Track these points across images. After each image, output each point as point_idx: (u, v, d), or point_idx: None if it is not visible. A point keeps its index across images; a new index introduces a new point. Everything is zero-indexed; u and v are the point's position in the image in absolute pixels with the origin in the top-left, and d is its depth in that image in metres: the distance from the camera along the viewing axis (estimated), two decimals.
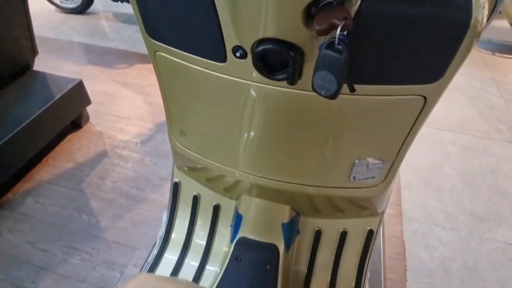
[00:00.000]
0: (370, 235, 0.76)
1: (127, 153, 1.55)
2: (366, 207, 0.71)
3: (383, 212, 0.76)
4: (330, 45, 0.34)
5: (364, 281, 0.75)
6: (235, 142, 0.58)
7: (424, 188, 1.44)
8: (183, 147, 0.67)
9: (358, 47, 0.38)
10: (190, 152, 0.66)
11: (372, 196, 0.62)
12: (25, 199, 1.35)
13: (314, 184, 0.60)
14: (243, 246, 0.73)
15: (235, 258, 0.72)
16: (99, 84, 1.96)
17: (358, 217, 0.76)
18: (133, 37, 2.48)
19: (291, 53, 0.39)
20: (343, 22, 0.32)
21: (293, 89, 0.45)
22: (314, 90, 0.37)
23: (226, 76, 0.47)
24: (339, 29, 0.32)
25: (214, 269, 0.77)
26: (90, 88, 1.65)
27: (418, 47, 0.38)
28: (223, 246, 0.78)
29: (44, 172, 1.46)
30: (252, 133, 0.54)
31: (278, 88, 0.46)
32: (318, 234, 0.79)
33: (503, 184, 1.46)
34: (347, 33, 0.34)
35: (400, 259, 1.20)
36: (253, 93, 0.48)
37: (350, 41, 0.34)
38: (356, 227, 0.77)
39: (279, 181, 0.61)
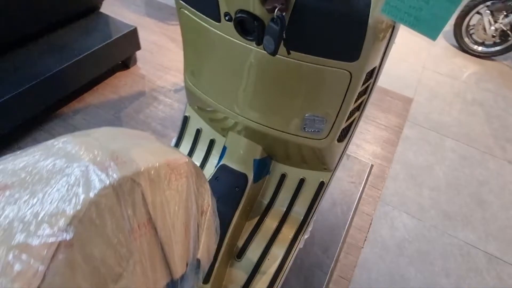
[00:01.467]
0: (321, 186, 0.96)
1: (161, 97, 1.83)
2: (320, 160, 0.90)
3: (334, 170, 0.95)
4: (272, 20, 0.54)
5: (309, 220, 0.96)
6: (225, 84, 0.80)
7: (409, 181, 1.58)
8: (191, 85, 0.90)
9: (296, 24, 0.57)
10: (196, 89, 0.89)
11: (319, 148, 0.81)
12: (75, 115, 1.68)
13: (277, 128, 0.81)
14: (222, 171, 0.96)
15: (215, 178, 0.96)
16: (151, 34, 2.24)
17: (315, 170, 0.96)
18: None
19: (255, 22, 0.59)
20: (280, 6, 0.52)
21: (260, 49, 0.65)
22: (263, 48, 0.58)
23: (221, 33, 0.69)
24: (276, 10, 0.52)
25: None
26: (143, 36, 1.93)
27: (334, 33, 0.57)
28: (210, 170, 1.02)
29: (93, 98, 1.78)
30: (236, 78, 0.76)
31: (251, 47, 0.67)
32: (283, 177, 1.00)
33: (485, 196, 1.56)
34: (285, 14, 0.53)
35: (364, 230, 1.38)
36: (236, 48, 0.69)
37: (291, 18, 0.54)
38: (312, 177, 0.97)
39: (254, 121, 0.83)
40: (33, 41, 1.62)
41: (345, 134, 0.84)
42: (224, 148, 0.97)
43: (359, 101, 0.76)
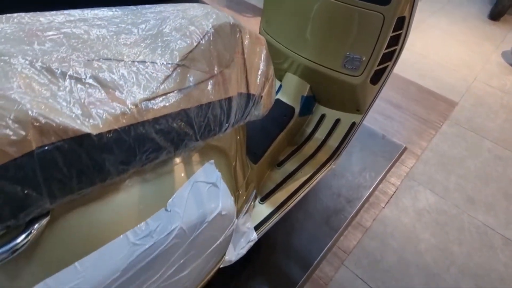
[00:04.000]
0: (353, 125, 1.18)
1: None
2: (354, 101, 1.13)
3: (365, 113, 1.17)
4: None
5: (340, 152, 1.19)
6: (293, 28, 1.08)
7: (438, 167, 1.71)
8: (265, 32, 1.19)
9: None
10: (269, 35, 1.18)
11: (354, 84, 1.05)
12: None
13: (324, 64, 1.06)
14: (276, 103, 1.23)
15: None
16: None
17: (349, 112, 1.20)
18: None
19: None
20: None
21: None
22: None
23: None
24: None
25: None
26: None
27: None
28: None
29: None
30: (303, 22, 1.03)
31: None
32: (322, 117, 1.25)
33: None
34: None
35: (387, 195, 1.55)
36: None
37: None
38: (346, 118, 1.20)
39: (309, 59, 1.09)
40: None
41: (377, 79, 1.07)
42: (280, 86, 1.25)
43: (390, 49, 0.99)
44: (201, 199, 0.55)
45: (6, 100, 0.35)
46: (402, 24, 0.94)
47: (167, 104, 0.48)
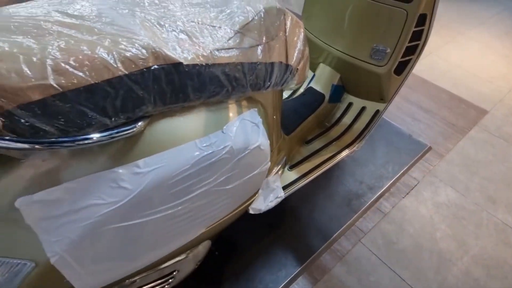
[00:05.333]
0: (377, 113, 1.32)
1: None
2: (379, 90, 1.27)
3: (388, 103, 1.30)
4: None
5: (363, 136, 1.33)
6: (331, 23, 1.25)
7: (462, 168, 1.78)
8: (305, 29, 1.38)
9: None
10: (308, 31, 1.36)
11: (380, 73, 1.19)
12: None
13: (354, 55, 1.22)
14: (308, 90, 1.40)
15: (303, 94, 1.41)
16: None
17: (374, 101, 1.34)
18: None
19: None
20: None
21: None
22: None
23: None
24: None
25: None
26: None
27: None
28: (301, 90, 1.46)
29: None
30: (339, 18, 1.20)
31: None
32: (350, 104, 1.40)
33: None
34: None
35: (408, 188, 1.64)
36: None
37: None
38: (371, 106, 1.34)
39: (342, 51, 1.25)
40: None
41: (401, 70, 1.20)
42: (313, 76, 1.42)
43: (413, 43, 1.13)
44: (246, 132, 0.74)
45: (136, 35, 0.56)
46: (424, 21, 1.08)
47: (229, 55, 0.67)
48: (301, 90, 1.42)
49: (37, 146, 0.48)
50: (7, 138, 0.45)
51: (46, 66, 0.46)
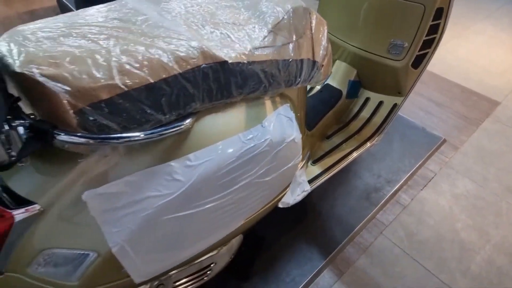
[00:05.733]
0: (395, 106, 1.35)
1: None
2: (396, 84, 1.30)
3: (405, 96, 1.33)
4: None
5: (382, 130, 1.35)
6: (347, 21, 1.28)
7: (477, 159, 1.80)
8: None
9: None
10: None
11: (397, 67, 1.22)
12: None
13: (372, 51, 1.25)
14: (325, 87, 1.44)
15: (320, 91, 1.44)
16: None
17: (391, 95, 1.36)
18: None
19: None
20: None
21: None
22: None
23: None
24: None
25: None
26: None
27: None
28: (318, 87, 1.49)
29: None
30: (355, 15, 1.23)
31: None
32: (367, 99, 1.43)
33: None
34: None
35: (426, 180, 1.67)
36: None
37: None
38: (388, 100, 1.37)
39: (358, 47, 1.29)
40: None
41: (418, 64, 1.23)
42: (330, 73, 1.45)
43: (430, 37, 1.16)
44: (282, 126, 0.77)
45: (184, 36, 0.60)
46: (440, 15, 1.11)
47: (266, 53, 0.70)
48: (318, 87, 1.45)
49: (102, 142, 0.52)
50: (78, 134, 0.49)
51: (112, 67, 0.50)
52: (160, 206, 0.60)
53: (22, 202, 0.56)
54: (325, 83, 1.44)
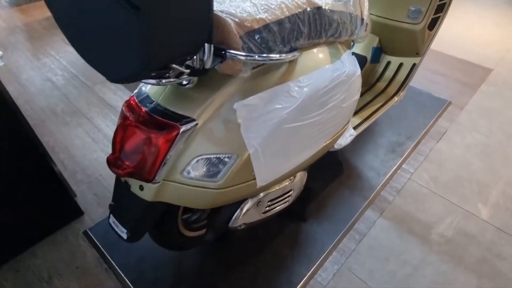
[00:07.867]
0: (414, 66, 1.57)
1: None
2: (415, 46, 1.52)
3: (422, 56, 1.55)
4: None
5: (405, 86, 1.57)
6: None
7: (481, 115, 2.04)
8: None
9: None
10: None
11: (416, 30, 1.44)
12: None
13: (392, 18, 1.47)
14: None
15: None
16: None
17: (410, 56, 1.59)
18: None
19: None
20: None
21: None
22: None
23: None
24: None
25: None
26: None
27: None
28: None
29: None
30: None
31: None
32: (388, 63, 1.65)
33: None
34: None
35: (439, 134, 1.90)
36: None
37: None
38: (408, 61, 1.59)
39: (379, 16, 1.50)
40: None
41: (433, 26, 1.46)
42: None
43: (443, 1, 1.38)
44: (351, 64, 0.98)
45: None
46: None
47: (339, 4, 0.91)
48: None
49: (253, 59, 0.71)
50: (243, 54, 0.68)
51: (258, 7, 0.70)
52: (283, 116, 0.79)
53: (181, 119, 0.74)
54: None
